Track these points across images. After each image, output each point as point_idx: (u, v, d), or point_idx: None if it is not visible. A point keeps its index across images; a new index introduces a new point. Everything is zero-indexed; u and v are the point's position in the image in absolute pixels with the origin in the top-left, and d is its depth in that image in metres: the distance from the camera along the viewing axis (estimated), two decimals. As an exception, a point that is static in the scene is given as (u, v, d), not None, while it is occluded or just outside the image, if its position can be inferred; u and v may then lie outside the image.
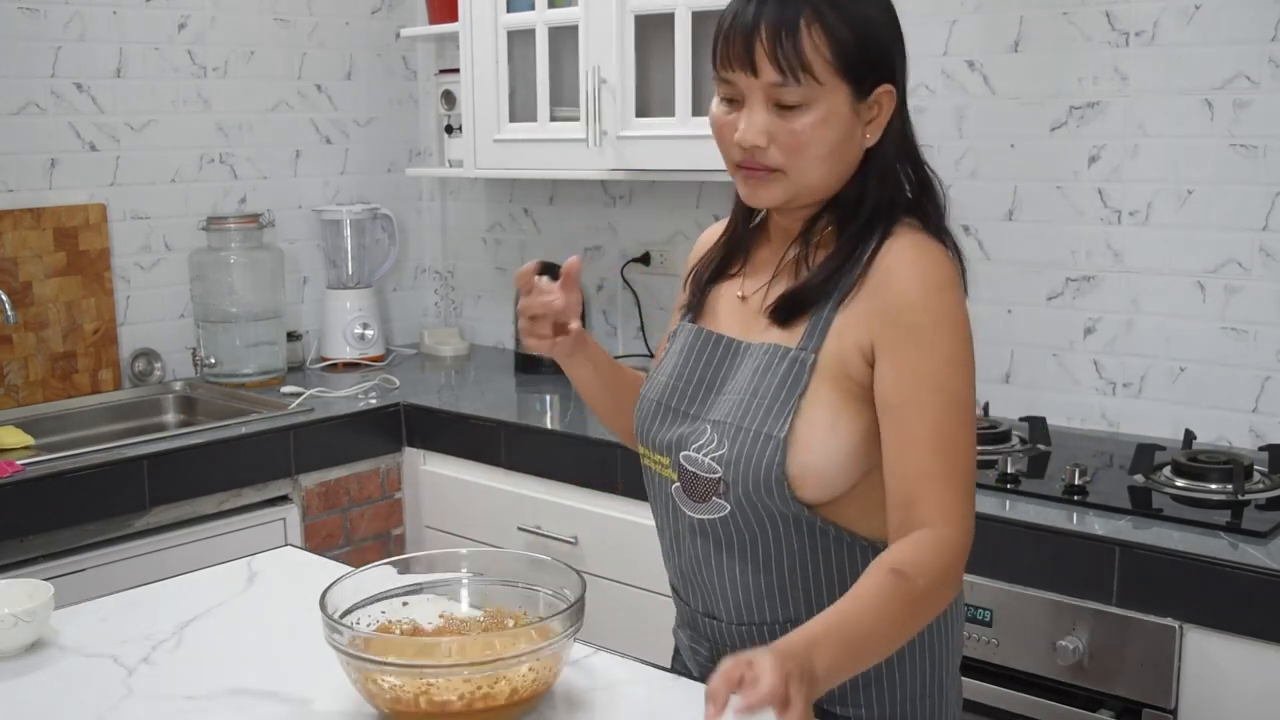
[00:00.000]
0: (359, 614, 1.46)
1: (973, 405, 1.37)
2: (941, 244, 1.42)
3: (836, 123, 1.37)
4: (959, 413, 1.34)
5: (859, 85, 1.36)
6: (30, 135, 2.97)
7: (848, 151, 1.40)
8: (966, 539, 1.34)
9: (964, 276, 1.42)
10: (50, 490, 2.43)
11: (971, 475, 1.35)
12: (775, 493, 1.38)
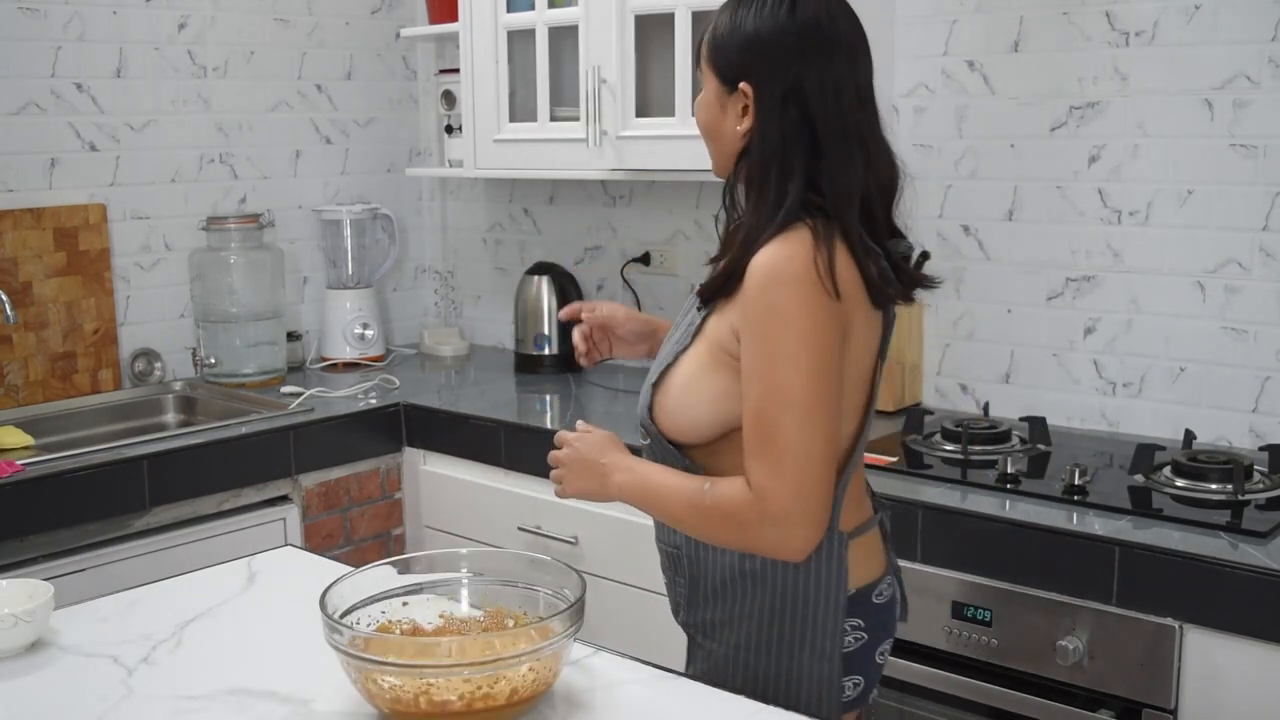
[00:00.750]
0: (359, 614, 1.46)
1: (805, 396, 1.50)
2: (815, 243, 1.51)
3: (709, 106, 1.65)
4: (778, 402, 1.50)
5: (724, 78, 1.61)
6: (30, 135, 2.97)
7: (723, 136, 1.65)
8: (769, 509, 1.51)
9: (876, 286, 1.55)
10: (50, 490, 2.43)
11: (798, 461, 1.50)
12: (646, 427, 1.69)
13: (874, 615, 1.68)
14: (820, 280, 1.50)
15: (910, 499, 2.17)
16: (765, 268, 1.51)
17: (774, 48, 1.55)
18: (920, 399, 2.85)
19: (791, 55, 1.54)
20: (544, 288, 3.35)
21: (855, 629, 1.65)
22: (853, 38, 1.58)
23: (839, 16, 1.58)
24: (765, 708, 1.44)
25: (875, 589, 1.68)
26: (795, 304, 1.50)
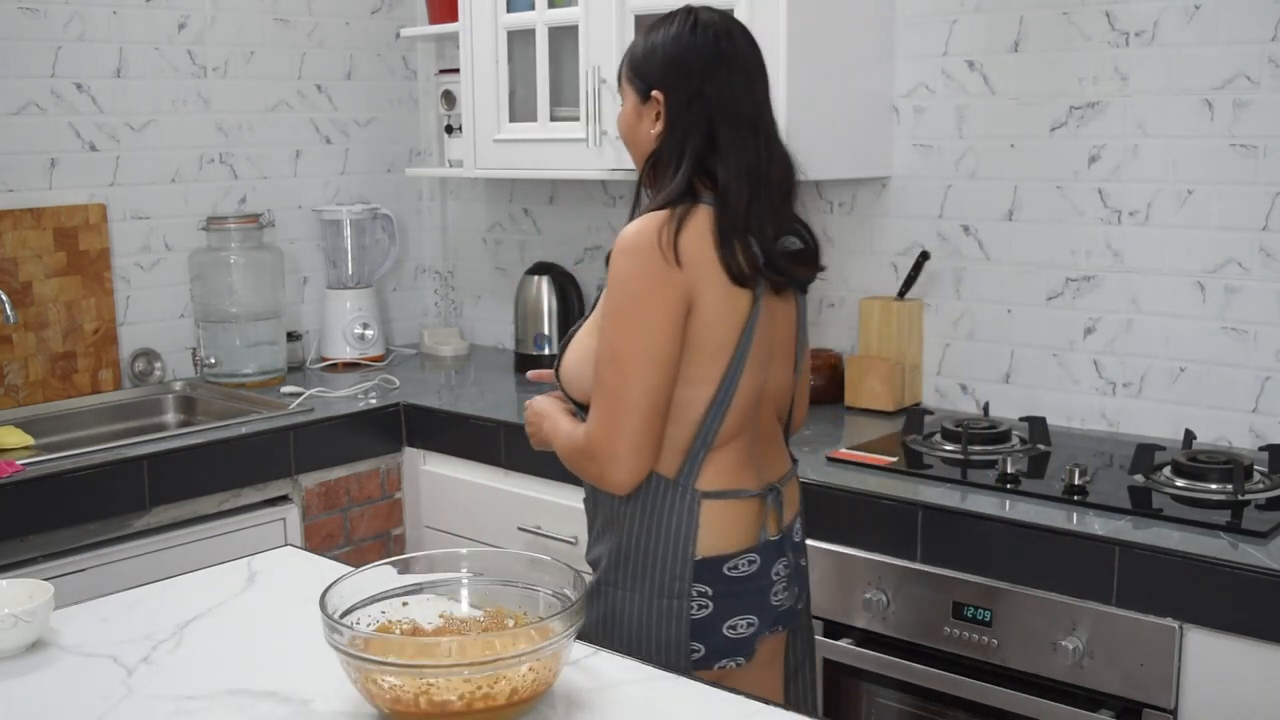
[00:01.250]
0: (359, 614, 1.46)
1: (626, 352, 1.74)
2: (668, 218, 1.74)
3: (628, 116, 1.88)
4: (605, 354, 1.76)
5: (640, 90, 1.85)
6: (30, 135, 2.97)
7: (640, 140, 1.87)
8: (590, 447, 1.79)
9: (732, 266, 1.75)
10: (50, 490, 2.43)
11: (613, 407, 1.75)
12: (560, 388, 1.90)
13: (724, 586, 1.80)
14: (660, 250, 1.72)
15: (910, 499, 2.17)
16: (619, 240, 1.77)
17: (680, 61, 1.81)
18: (920, 399, 2.85)
19: (694, 68, 1.80)
20: (544, 288, 3.35)
21: (701, 595, 1.80)
22: (747, 56, 1.83)
23: (736, 36, 1.83)
24: (765, 707, 1.44)
25: (730, 561, 1.81)
26: (631, 269, 1.75)
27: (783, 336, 1.89)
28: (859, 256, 2.93)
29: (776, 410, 1.93)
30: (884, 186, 2.86)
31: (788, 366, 1.92)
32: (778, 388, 1.91)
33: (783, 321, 1.88)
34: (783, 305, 1.86)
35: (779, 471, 1.92)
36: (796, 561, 1.93)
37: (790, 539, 1.91)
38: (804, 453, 2.47)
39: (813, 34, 2.58)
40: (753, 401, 1.84)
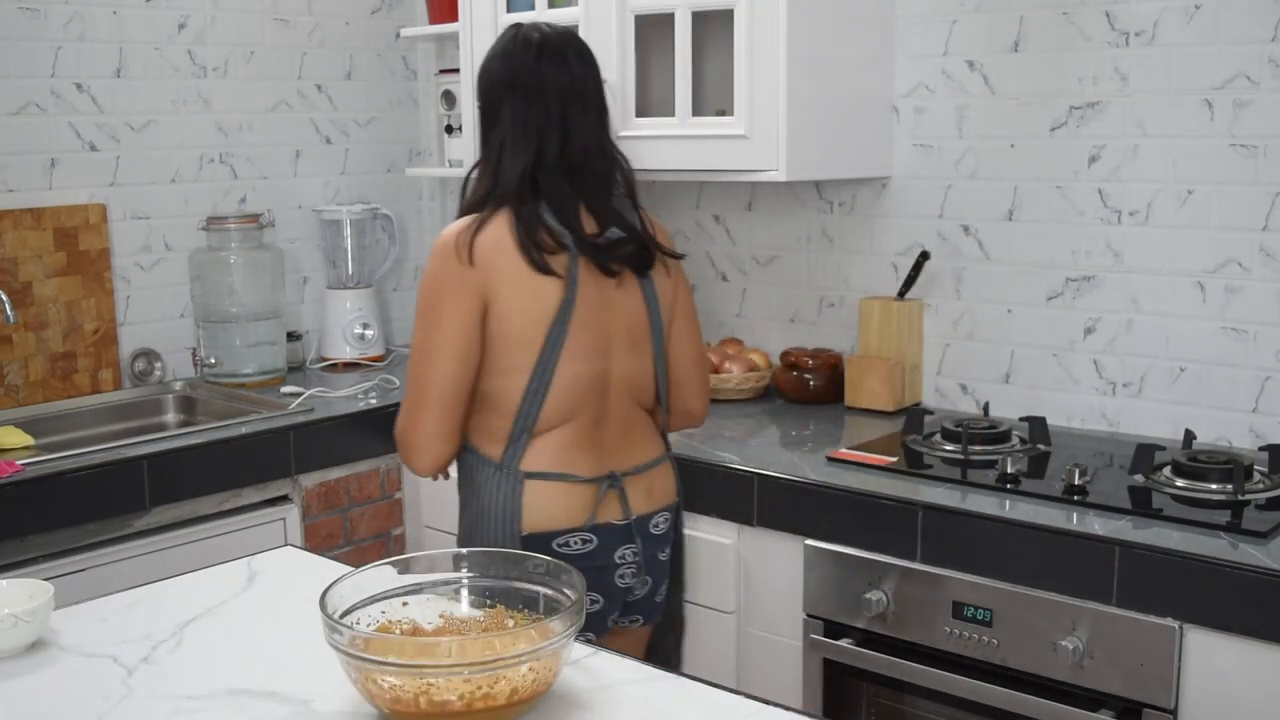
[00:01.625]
0: (359, 614, 1.46)
1: (425, 346, 1.92)
2: (468, 222, 1.98)
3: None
4: (412, 350, 1.96)
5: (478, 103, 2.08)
6: (30, 135, 2.97)
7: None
8: (396, 433, 2.01)
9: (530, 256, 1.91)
10: (50, 490, 2.43)
11: (410, 397, 1.96)
12: None
13: (560, 557, 1.90)
14: (456, 251, 1.91)
15: (910, 499, 2.17)
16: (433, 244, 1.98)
17: (490, 76, 2.02)
18: (920, 399, 2.85)
19: (502, 82, 1.99)
20: (544, 288, 3.35)
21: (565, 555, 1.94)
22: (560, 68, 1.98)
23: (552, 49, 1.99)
24: (766, 707, 1.44)
25: (559, 537, 1.95)
26: (432, 269, 1.95)
27: (627, 325, 2.00)
28: (859, 256, 2.93)
29: (636, 398, 2.02)
30: (884, 186, 2.86)
31: (641, 355, 2.02)
32: (629, 376, 2.01)
33: (625, 310, 1.99)
34: (623, 295, 1.98)
35: (633, 460, 2.01)
36: (653, 553, 2.01)
37: (645, 529, 2.00)
38: (804, 452, 2.47)
39: (813, 34, 2.58)
40: (582, 389, 1.95)
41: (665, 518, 2.07)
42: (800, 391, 2.89)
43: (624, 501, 1.99)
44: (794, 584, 2.32)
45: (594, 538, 1.96)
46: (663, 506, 2.07)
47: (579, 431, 1.97)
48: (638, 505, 2.02)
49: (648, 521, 2.04)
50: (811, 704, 2.30)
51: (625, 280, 1.99)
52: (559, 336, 1.92)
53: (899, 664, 2.17)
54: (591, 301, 1.95)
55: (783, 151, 2.56)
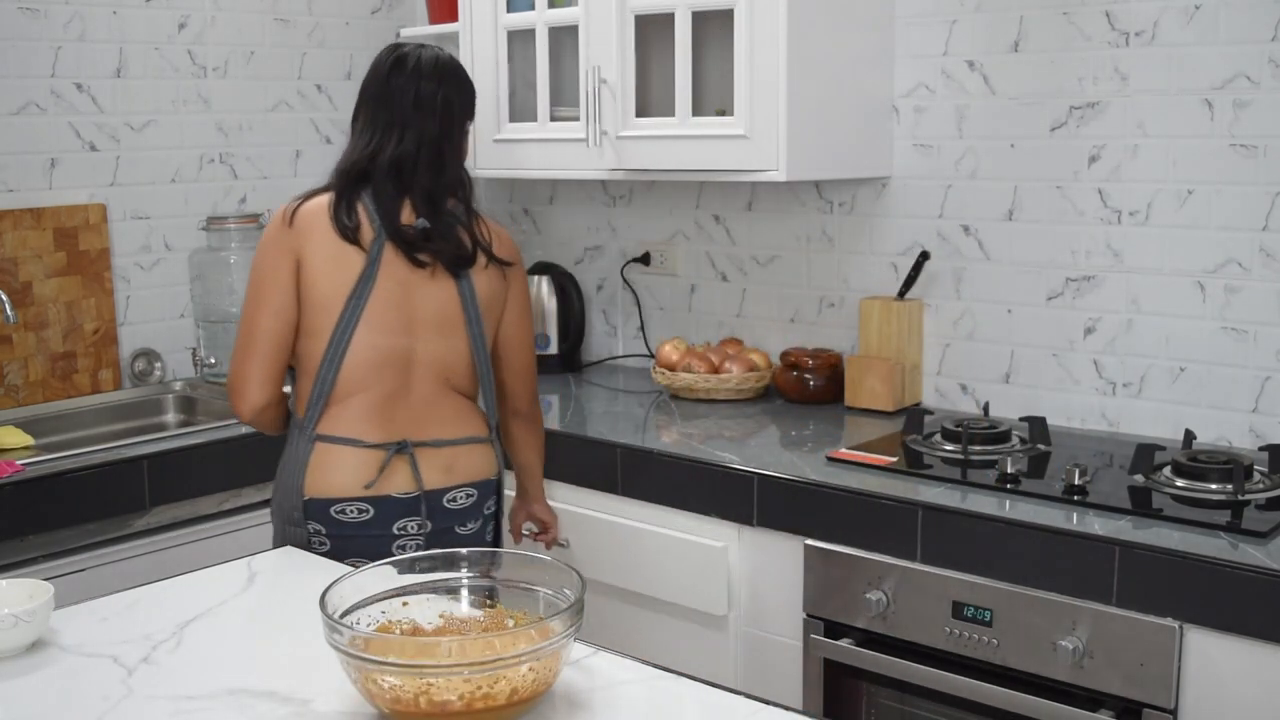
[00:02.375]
0: (359, 614, 1.46)
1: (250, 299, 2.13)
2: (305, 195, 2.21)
3: None
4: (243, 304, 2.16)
5: None
6: (30, 135, 2.97)
7: None
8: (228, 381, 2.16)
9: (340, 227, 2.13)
10: (50, 490, 2.43)
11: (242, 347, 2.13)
12: None
13: (335, 528, 2.11)
14: (284, 215, 2.16)
15: (910, 499, 2.17)
16: None
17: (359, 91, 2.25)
18: (920, 399, 2.85)
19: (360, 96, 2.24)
20: (544, 288, 3.35)
21: (317, 534, 2.12)
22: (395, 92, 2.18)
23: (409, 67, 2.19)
24: (765, 707, 1.44)
25: (336, 504, 2.10)
26: (265, 232, 2.20)
27: (436, 311, 2.15)
28: (859, 256, 2.93)
29: (447, 380, 2.19)
30: (884, 186, 2.86)
31: (452, 340, 2.17)
32: (438, 358, 2.17)
33: (434, 299, 2.15)
34: (434, 285, 2.15)
35: (433, 435, 2.16)
36: (447, 526, 2.16)
37: (439, 503, 2.15)
38: (804, 452, 2.48)
39: (813, 34, 2.58)
40: (379, 361, 2.11)
41: (468, 493, 2.20)
42: (800, 391, 2.89)
43: (415, 472, 2.12)
44: (794, 584, 2.32)
45: (370, 509, 2.11)
46: (464, 483, 2.19)
47: (374, 402, 2.13)
48: (431, 479, 2.15)
49: (442, 495, 2.16)
50: (811, 704, 2.30)
51: (438, 273, 2.15)
52: (356, 308, 2.10)
53: (899, 664, 2.17)
54: (398, 282, 2.12)
55: (783, 151, 2.56)
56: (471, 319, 2.19)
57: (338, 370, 2.12)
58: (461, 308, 2.18)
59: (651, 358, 3.23)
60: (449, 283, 2.17)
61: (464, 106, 2.25)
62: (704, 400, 2.94)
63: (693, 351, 3.02)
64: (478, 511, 2.22)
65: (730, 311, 3.19)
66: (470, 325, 2.20)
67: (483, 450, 2.24)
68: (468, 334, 2.20)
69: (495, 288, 2.24)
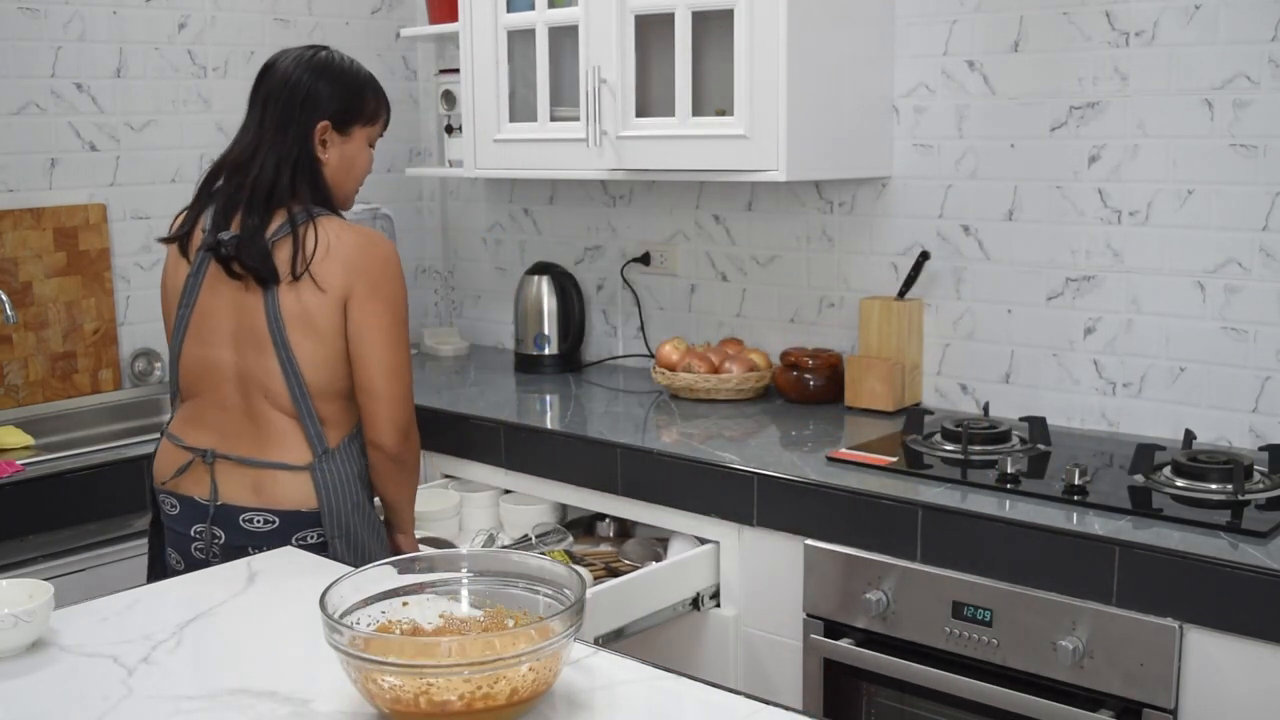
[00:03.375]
0: (359, 614, 1.46)
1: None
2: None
3: None
4: None
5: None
6: (30, 135, 2.97)
7: None
8: None
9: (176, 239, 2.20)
10: (50, 490, 2.43)
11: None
12: None
13: (162, 513, 2.23)
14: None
15: (910, 499, 2.17)
16: None
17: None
18: (920, 399, 2.85)
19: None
20: (544, 288, 3.35)
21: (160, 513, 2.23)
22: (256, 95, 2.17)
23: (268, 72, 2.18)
24: (765, 707, 1.44)
25: (160, 494, 2.22)
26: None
27: (248, 326, 2.10)
28: (859, 256, 2.93)
29: (267, 398, 2.11)
30: (884, 186, 2.86)
31: (263, 357, 2.09)
32: (253, 375, 2.11)
33: (246, 313, 2.10)
34: (248, 297, 2.10)
35: (244, 451, 2.12)
36: (240, 544, 2.10)
37: (233, 520, 2.11)
38: (804, 452, 2.48)
39: (813, 34, 2.58)
40: (201, 371, 2.15)
41: (267, 519, 2.10)
42: (800, 391, 2.89)
43: (211, 482, 2.13)
44: (794, 584, 2.32)
45: (178, 505, 2.18)
46: (266, 507, 2.10)
47: (201, 408, 2.18)
48: (232, 494, 2.12)
49: (239, 513, 2.11)
50: (811, 704, 2.30)
51: (251, 286, 2.09)
52: (184, 317, 2.17)
53: (899, 664, 2.17)
54: (217, 294, 2.13)
55: (783, 151, 2.56)
56: (277, 336, 2.08)
57: (176, 375, 2.21)
58: (266, 324, 2.08)
59: (651, 358, 3.23)
60: (258, 296, 2.09)
61: (318, 105, 2.13)
62: (704, 400, 2.94)
63: (693, 351, 3.02)
64: (282, 539, 2.10)
65: (730, 311, 3.19)
66: (276, 343, 2.08)
67: (293, 478, 2.11)
68: (275, 352, 2.09)
69: (311, 303, 2.07)
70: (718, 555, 2.44)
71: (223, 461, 2.13)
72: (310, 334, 2.08)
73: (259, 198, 2.09)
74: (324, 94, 2.15)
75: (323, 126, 2.15)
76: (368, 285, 2.10)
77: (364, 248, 2.11)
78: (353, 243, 2.10)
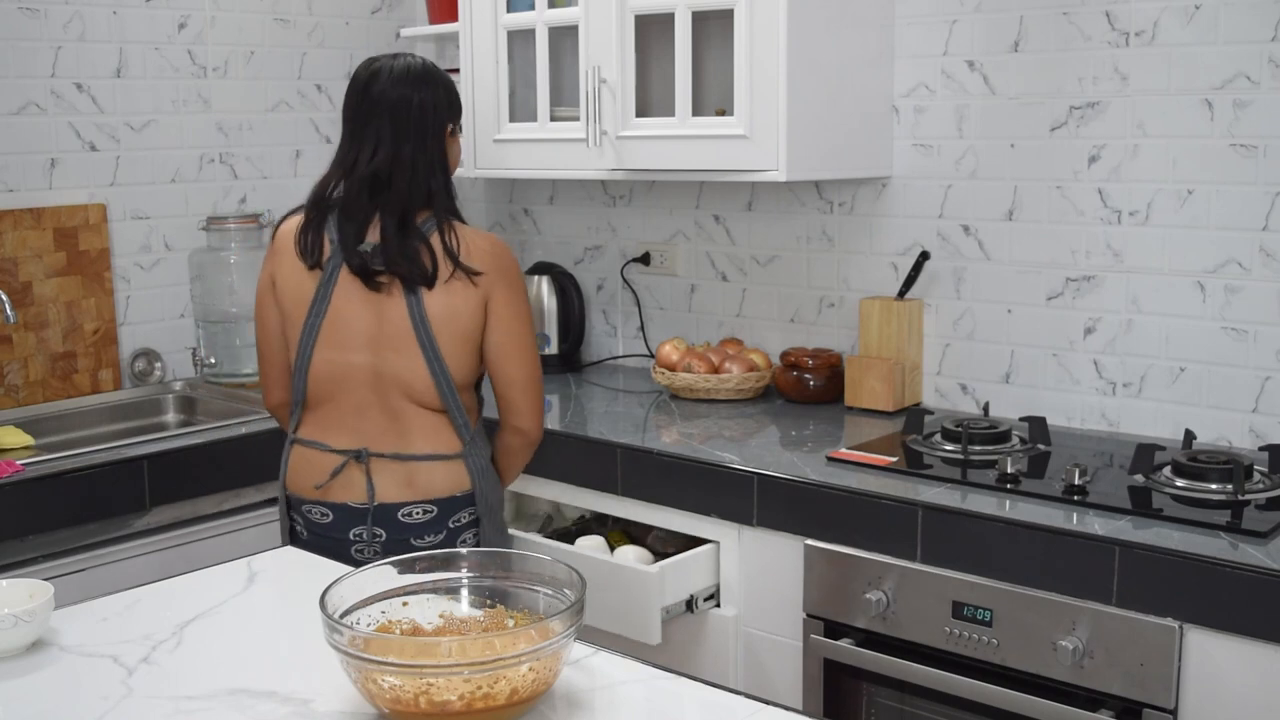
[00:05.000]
0: (359, 614, 1.46)
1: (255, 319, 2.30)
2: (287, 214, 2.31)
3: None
4: None
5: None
6: (30, 135, 2.97)
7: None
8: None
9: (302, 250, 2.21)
10: (50, 490, 2.43)
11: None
12: None
13: (308, 522, 2.24)
14: (272, 235, 2.26)
15: (910, 499, 2.17)
16: None
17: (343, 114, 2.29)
18: (920, 399, 2.85)
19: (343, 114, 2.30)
20: (544, 288, 3.35)
21: (298, 523, 2.26)
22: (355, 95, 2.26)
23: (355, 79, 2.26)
24: (765, 707, 1.44)
25: (307, 505, 2.22)
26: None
27: (392, 329, 2.15)
28: (859, 256, 2.93)
29: (410, 396, 2.18)
30: (884, 186, 2.86)
31: (408, 358, 2.16)
32: (397, 375, 2.16)
33: (389, 317, 2.15)
34: (390, 302, 2.15)
35: (394, 449, 2.18)
36: (403, 538, 2.17)
37: (392, 516, 2.17)
38: (804, 452, 2.48)
39: (813, 34, 2.58)
40: (337, 375, 2.17)
41: (425, 509, 2.18)
42: (800, 391, 2.89)
43: (368, 484, 2.16)
44: (794, 584, 2.32)
45: (330, 513, 2.20)
46: (423, 499, 2.18)
47: (338, 413, 2.20)
48: (387, 492, 2.17)
49: (397, 510, 2.17)
50: (811, 704, 2.30)
51: (394, 290, 2.15)
52: (314, 324, 2.18)
53: (899, 664, 2.17)
54: (351, 300, 2.16)
55: (783, 151, 2.56)
56: (423, 336, 2.15)
57: (305, 381, 2.21)
58: (411, 326, 2.15)
59: (651, 358, 3.23)
60: (401, 300, 2.15)
61: (440, 111, 2.21)
62: (704, 400, 2.94)
63: (693, 351, 3.02)
64: (439, 526, 2.19)
65: (730, 311, 3.19)
66: (422, 343, 2.15)
67: (447, 467, 2.19)
68: (421, 352, 2.15)
69: (458, 301, 2.16)
70: (718, 555, 2.44)
71: (376, 460, 2.17)
72: (456, 332, 2.17)
73: (403, 206, 2.15)
74: (441, 100, 2.23)
75: (449, 130, 2.25)
76: (507, 282, 2.21)
77: (497, 246, 2.23)
78: (486, 242, 2.22)
